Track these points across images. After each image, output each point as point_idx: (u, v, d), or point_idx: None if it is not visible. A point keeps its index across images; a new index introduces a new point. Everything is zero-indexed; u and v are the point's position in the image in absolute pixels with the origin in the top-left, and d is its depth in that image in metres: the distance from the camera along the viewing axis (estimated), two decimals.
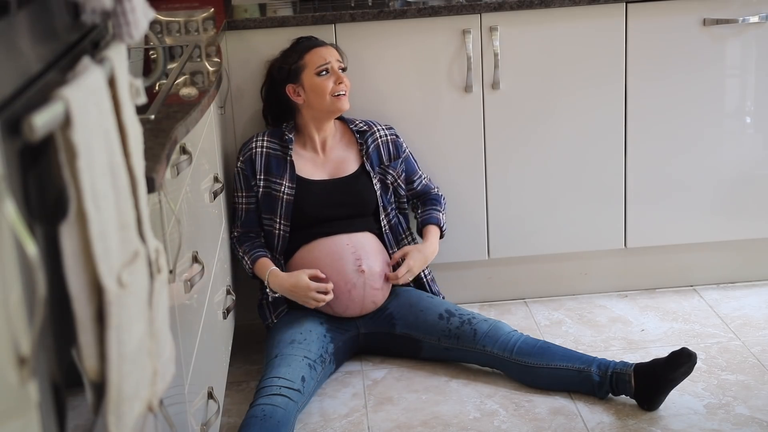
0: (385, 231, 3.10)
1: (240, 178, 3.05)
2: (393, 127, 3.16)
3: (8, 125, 1.05)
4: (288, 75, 3.04)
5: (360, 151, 3.10)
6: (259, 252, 3.00)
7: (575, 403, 2.78)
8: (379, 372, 3.02)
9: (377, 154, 3.09)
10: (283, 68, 3.05)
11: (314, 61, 3.02)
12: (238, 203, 3.06)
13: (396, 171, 3.11)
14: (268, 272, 2.95)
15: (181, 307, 1.99)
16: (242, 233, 3.05)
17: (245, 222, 3.05)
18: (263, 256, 2.99)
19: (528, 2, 3.13)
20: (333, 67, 3.02)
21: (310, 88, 3.01)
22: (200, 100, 2.17)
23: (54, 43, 1.28)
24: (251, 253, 3.00)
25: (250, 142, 3.05)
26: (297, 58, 3.04)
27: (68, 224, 1.13)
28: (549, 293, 3.46)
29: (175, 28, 3.06)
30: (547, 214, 3.33)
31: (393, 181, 3.11)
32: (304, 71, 3.02)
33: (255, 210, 3.06)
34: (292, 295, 2.92)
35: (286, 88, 3.04)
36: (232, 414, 2.82)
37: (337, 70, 3.02)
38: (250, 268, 3.00)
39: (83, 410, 1.26)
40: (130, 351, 1.26)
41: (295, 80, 3.03)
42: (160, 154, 1.69)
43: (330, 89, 3.00)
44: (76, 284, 1.15)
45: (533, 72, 3.22)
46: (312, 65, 3.01)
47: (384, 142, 3.11)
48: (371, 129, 3.11)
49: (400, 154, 3.13)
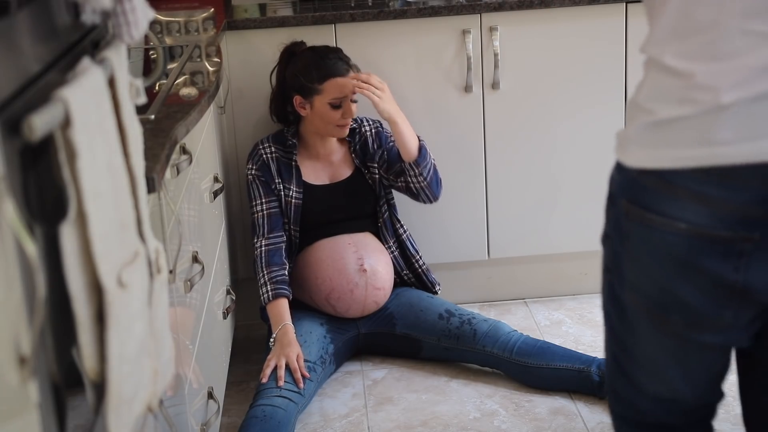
0: (380, 225, 3.09)
1: (257, 186, 2.99)
2: (379, 121, 3.11)
3: (8, 125, 1.05)
4: (301, 89, 2.96)
5: (350, 151, 3.08)
6: (282, 290, 2.90)
7: (575, 403, 2.78)
8: (379, 372, 3.02)
9: (363, 149, 3.08)
10: (298, 80, 2.96)
11: (332, 93, 2.93)
12: (258, 212, 2.98)
13: (376, 162, 3.07)
14: (281, 326, 2.86)
15: (181, 307, 1.99)
16: (269, 247, 2.96)
17: (271, 228, 2.97)
18: (284, 296, 2.90)
19: (528, 2, 3.13)
20: (347, 104, 2.95)
21: (319, 113, 2.95)
22: (200, 100, 2.17)
23: (54, 43, 1.28)
24: (275, 289, 2.90)
25: (258, 149, 3.02)
26: (317, 80, 2.93)
27: (68, 224, 1.13)
28: (549, 293, 3.46)
29: (175, 28, 3.06)
30: (547, 214, 3.33)
31: (377, 170, 3.08)
32: (319, 96, 2.93)
33: (279, 213, 2.99)
34: (279, 345, 2.81)
35: (295, 98, 2.98)
36: (232, 414, 2.82)
37: (350, 104, 2.95)
38: (267, 301, 2.90)
39: (83, 410, 1.26)
40: (130, 351, 1.26)
41: (306, 96, 2.96)
42: (160, 154, 1.69)
43: (337, 120, 2.96)
44: (76, 284, 1.15)
45: (533, 72, 3.22)
46: (328, 95, 2.93)
47: (369, 134, 3.08)
48: (359, 126, 3.09)
49: (383, 144, 3.08)
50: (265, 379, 2.73)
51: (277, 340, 2.84)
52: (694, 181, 1.36)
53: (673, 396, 1.57)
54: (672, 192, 1.38)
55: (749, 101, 1.33)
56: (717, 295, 1.41)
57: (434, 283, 3.16)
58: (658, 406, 1.58)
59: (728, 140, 1.33)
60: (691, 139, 1.36)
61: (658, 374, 1.54)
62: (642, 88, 1.45)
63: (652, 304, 1.46)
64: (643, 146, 1.41)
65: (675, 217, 1.38)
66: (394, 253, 3.10)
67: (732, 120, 1.33)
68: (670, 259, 1.41)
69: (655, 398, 1.57)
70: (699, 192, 1.36)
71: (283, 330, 2.85)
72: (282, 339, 2.83)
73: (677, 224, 1.38)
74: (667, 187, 1.38)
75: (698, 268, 1.39)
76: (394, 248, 3.11)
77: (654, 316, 1.48)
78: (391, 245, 3.10)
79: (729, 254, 1.37)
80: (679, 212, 1.38)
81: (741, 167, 1.33)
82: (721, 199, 1.35)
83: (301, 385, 2.73)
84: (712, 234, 1.37)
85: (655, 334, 1.49)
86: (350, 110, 2.95)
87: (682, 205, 1.38)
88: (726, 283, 1.39)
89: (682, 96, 1.37)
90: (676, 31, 1.39)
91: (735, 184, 1.34)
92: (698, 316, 1.43)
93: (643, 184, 1.41)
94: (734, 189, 1.34)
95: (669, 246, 1.40)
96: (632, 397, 1.60)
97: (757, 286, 1.39)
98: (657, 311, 1.46)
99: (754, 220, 1.35)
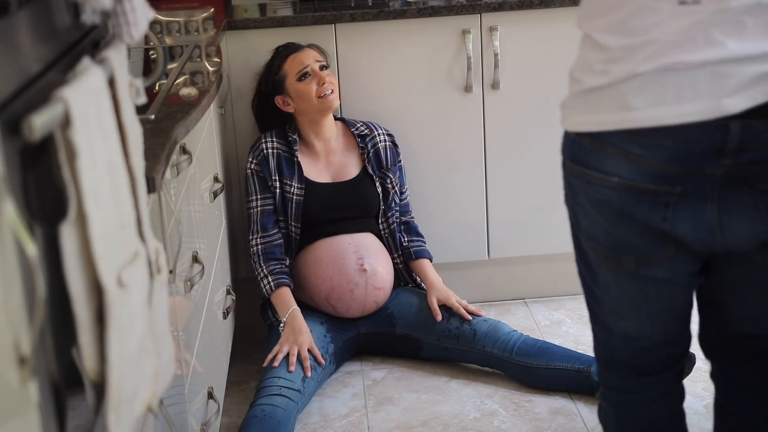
0: (384, 235, 3.10)
1: (255, 181, 3.02)
2: (392, 134, 3.15)
3: (8, 125, 1.05)
4: (274, 87, 3.04)
5: (361, 155, 3.09)
6: (282, 279, 2.94)
7: (575, 403, 2.78)
8: (379, 372, 3.02)
9: (377, 158, 3.09)
10: (268, 81, 3.05)
11: (293, 67, 3.01)
12: (253, 208, 3.01)
13: (394, 176, 3.10)
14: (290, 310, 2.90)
15: (181, 307, 1.99)
16: (264, 245, 2.99)
17: (264, 225, 2.99)
18: (286, 285, 2.94)
19: (528, 2, 3.13)
20: (313, 68, 3.00)
21: (296, 95, 3.01)
22: (200, 100, 2.17)
23: (54, 43, 1.28)
24: (275, 280, 2.94)
25: (260, 144, 3.04)
26: (277, 68, 3.03)
27: (68, 224, 1.13)
28: (549, 293, 3.46)
29: (175, 28, 3.06)
30: (547, 214, 3.33)
31: (392, 186, 3.10)
32: (287, 80, 3.01)
33: (273, 212, 3.01)
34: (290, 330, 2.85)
35: (275, 100, 3.04)
36: (232, 414, 2.82)
37: (318, 71, 3.00)
38: (270, 292, 2.94)
39: (83, 410, 1.27)
40: (130, 351, 1.26)
41: (281, 91, 3.03)
42: (160, 154, 1.69)
43: (314, 91, 2.98)
44: (76, 284, 1.16)
45: (533, 72, 3.22)
46: (292, 72, 3.01)
47: (383, 146, 3.10)
48: (372, 132, 3.10)
49: (396, 162, 3.13)
50: (276, 363, 2.75)
51: (288, 324, 2.86)
52: (621, 140, 1.54)
53: (640, 334, 1.74)
54: (604, 150, 1.56)
55: (657, 72, 1.49)
56: (653, 238, 1.58)
57: None
58: (627, 344, 1.76)
59: (640, 106, 1.51)
60: (611, 105, 1.54)
61: (623, 315, 1.72)
62: (576, 60, 1.63)
63: (606, 248, 1.64)
64: (577, 112, 1.61)
65: (608, 172, 1.56)
66: (399, 266, 3.11)
67: (643, 89, 1.50)
68: (608, 208, 1.59)
69: (625, 336, 1.75)
70: (625, 150, 1.54)
71: (293, 314, 2.88)
72: (293, 323, 2.85)
73: (611, 179, 1.56)
74: (600, 146, 1.56)
75: (632, 216, 1.57)
76: (400, 261, 3.12)
77: (610, 260, 1.65)
78: (396, 257, 3.11)
79: (656, 205, 1.55)
80: (611, 168, 1.56)
81: (654, 129, 1.51)
82: (643, 156, 1.52)
83: (308, 374, 2.76)
84: (639, 187, 1.54)
85: (614, 277, 1.67)
86: (321, 76, 2.99)
87: (613, 162, 1.55)
88: (657, 230, 1.57)
89: (602, 68, 1.54)
90: (601, 8, 1.56)
91: (652, 144, 1.52)
92: (644, 253, 1.61)
93: (581, 145, 1.60)
94: (652, 148, 1.52)
95: (607, 198, 1.58)
96: (606, 339, 1.79)
97: (683, 235, 1.56)
98: (611, 254, 1.64)
99: (673, 176, 1.52)
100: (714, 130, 1.48)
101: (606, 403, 1.87)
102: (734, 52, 1.46)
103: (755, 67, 1.46)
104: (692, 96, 1.48)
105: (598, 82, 1.55)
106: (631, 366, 1.79)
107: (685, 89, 1.48)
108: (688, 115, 1.48)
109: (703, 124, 1.48)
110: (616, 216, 1.58)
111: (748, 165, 1.50)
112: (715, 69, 1.47)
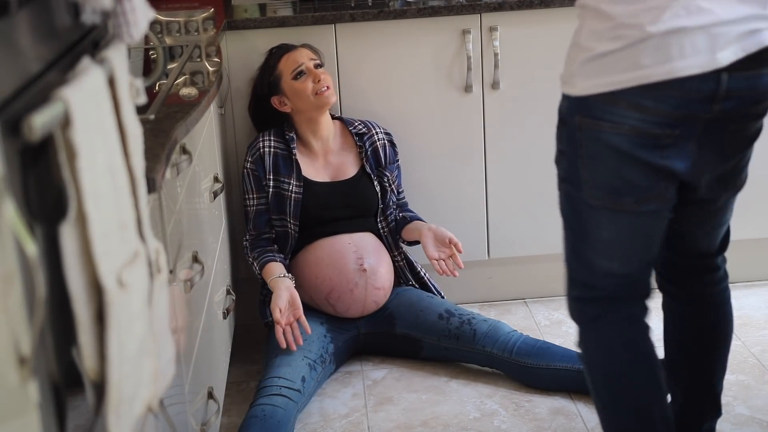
0: (384, 233, 3.10)
1: (250, 179, 3.03)
2: (390, 133, 3.15)
3: (8, 125, 1.05)
4: (269, 88, 3.05)
5: (359, 154, 3.09)
6: (268, 257, 2.98)
7: (575, 403, 2.78)
8: (379, 372, 3.02)
9: (376, 157, 3.09)
10: (263, 83, 3.06)
11: (288, 66, 3.02)
12: (249, 206, 3.04)
13: (392, 174, 3.11)
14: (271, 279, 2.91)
15: (180, 307, 1.99)
16: (254, 239, 3.03)
17: (256, 224, 3.03)
18: (271, 261, 2.97)
19: (528, 2, 3.13)
20: (308, 66, 3.01)
21: (292, 94, 3.01)
22: (200, 100, 2.17)
23: (54, 43, 1.28)
24: (260, 259, 2.98)
25: (257, 142, 3.04)
26: (272, 69, 3.05)
27: (68, 224, 1.13)
28: (549, 293, 3.46)
29: (175, 28, 3.06)
30: (547, 214, 3.32)
31: (389, 184, 3.10)
32: (282, 79, 3.03)
33: (266, 211, 3.03)
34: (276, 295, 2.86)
35: (272, 100, 3.05)
36: (232, 414, 2.82)
37: (313, 69, 3.01)
38: (259, 273, 2.98)
39: (83, 410, 1.26)
40: (130, 351, 1.26)
41: (276, 91, 3.04)
42: (160, 154, 1.69)
43: (310, 89, 2.99)
44: (76, 284, 1.15)
45: (533, 72, 3.22)
46: (287, 71, 3.02)
47: (382, 144, 3.11)
48: (370, 131, 3.11)
49: (394, 161, 3.13)
50: (283, 345, 2.78)
51: (274, 291, 2.86)
52: (633, 95, 1.81)
53: (622, 270, 2.00)
54: (617, 105, 1.83)
55: (662, 34, 1.78)
56: (652, 175, 1.88)
57: (439, 291, 3.17)
58: (608, 281, 2.01)
59: (649, 64, 1.79)
60: (623, 66, 1.80)
61: (614, 252, 1.98)
62: (581, 32, 1.88)
63: (608, 192, 1.91)
64: (588, 77, 1.85)
65: (620, 122, 1.84)
66: (400, 264, 3.11)
67: (650, 49, 1.78)
68: (617, 153, 1.86)
69: (607, 274, 2.01)
70: (637, 103, 1.81)
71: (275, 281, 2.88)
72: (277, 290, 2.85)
73: (622, 127, 1.84)
74: (614, 102, 1.83)
75: (636, 157, 1.86)
76: (400, 259, 3.12)
77: (610, 202, 1.91)
78: (396, 255, 3.11)
79: (656, 146, 1.85)
80: (622, 118, 1.83)
81: (662, 83, 1.79)
82: (653, 107, 1.81)
83: (309, 331, 2.82)
84: (646, 131, 1.83)
85: (612, 218, 1.93)
86: (316, 74, 3.00)
87: (624, 113, 1.83)
88: (656, 167, 1.87)
89: (613, 34, 1.81)
90: None
91: (660, 96, 1.80)
92: (643, 191, 1.90)
93: (594, 103, 1.85)
94: (660, 99, 1.81)
95: (616, 143, 1.86)
96: (587, 279, 2.03)
97: (677, 168, 1.88)
98: (612, 197, 1.91)
99: (675, 121, 1.83)
100: (710, 80, 1.79)
101: (583, 331, 2.09)
102: (722, 17, 1.78)
103: (739, 27, 1.79)
104: (693, 52, 1.78)
105: (613, 47, 1.81)
106: (608, 299, 2.04)
107: (687, 47, 1.78)
108: (691, 68, 1.78)
109: (702, 76, 1.79)
110: (623, 158, 1.86)
111: (730, 110, 1.83)
112: (709, 30, 1.78)
